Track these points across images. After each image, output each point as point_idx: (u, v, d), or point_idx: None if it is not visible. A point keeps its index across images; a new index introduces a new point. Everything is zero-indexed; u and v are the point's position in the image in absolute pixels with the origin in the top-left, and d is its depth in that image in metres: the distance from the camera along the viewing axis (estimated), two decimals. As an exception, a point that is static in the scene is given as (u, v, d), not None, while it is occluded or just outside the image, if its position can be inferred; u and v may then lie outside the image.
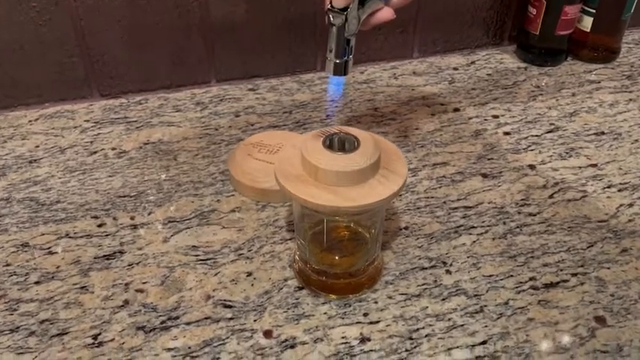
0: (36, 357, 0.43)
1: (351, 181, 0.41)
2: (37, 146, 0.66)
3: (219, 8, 0.72)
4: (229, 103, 0.74)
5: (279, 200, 0.57)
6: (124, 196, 0.58)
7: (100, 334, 0.45)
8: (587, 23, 0.82)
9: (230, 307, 0.47)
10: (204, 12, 0.72)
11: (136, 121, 0.70)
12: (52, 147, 0.66)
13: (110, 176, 0.61)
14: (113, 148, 0.65)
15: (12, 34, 0.67)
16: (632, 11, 0.80)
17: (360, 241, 0.50)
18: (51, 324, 0.45)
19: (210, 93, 0.76)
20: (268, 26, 0.75)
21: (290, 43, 0.78)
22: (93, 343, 0.44)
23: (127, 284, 0.49)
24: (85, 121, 0.70)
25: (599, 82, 0.79)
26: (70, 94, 0.73)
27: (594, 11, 0.81)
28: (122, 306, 0.47)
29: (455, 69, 0.83)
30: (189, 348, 0.44)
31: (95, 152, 0.65)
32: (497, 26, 0.86)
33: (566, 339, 0.44)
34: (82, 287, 0.49)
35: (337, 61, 0.48)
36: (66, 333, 0.45)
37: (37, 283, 0.49)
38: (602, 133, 0.69)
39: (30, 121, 0.70)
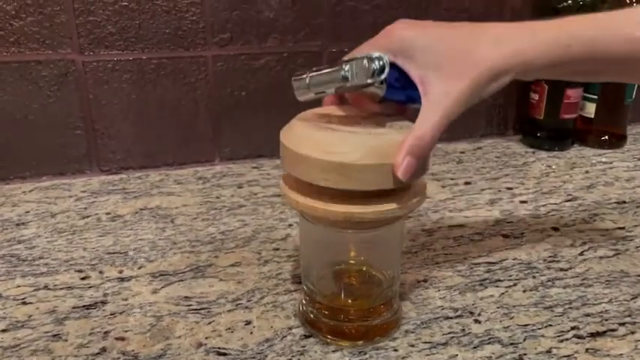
0: (-14, 405, 0.35)
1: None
2: (27, 212, 0.62)
3: (226, 88, 0.73)
4: (232, 178, 0.71)
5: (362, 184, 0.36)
6: (114, 253, 0.53)
7: (67, 381, 0.37)
8: (591, 109, 0.83)
9: (224, 354, 0.40)
10: (213, 91, 0.72)
11: (134, 192, 0.67)
12: (43, 212, 0.62)
13: (101, 236, 0.57)
14: (107, 213, 0.62)
15: (18, 104, 0.66)
16: (633, 97, 0.81)
17: (375, 284, 0.44)
18: (11, 371, 0.38)
19: (214, 170, 0.74)
20: (274, 107, 0.75)
21: (296, 125, 0.77)
22: (58, 391, 0.37)
23: (106, 332, 0.42)
24: (81, 191, 0.67)
25: (611, 163, 0.78)
26: (69, 168, 0.71)
27: (596, 97, 0.82)
28: (98, 354, 0.40)
29: (462, 152, 0.81)
30: (174, 396, 0.36)
31: (88, 216, 0.61)
32: (500, 115, 0.87)
33: (627, 387, 0.37)
34: (55, 335, 0.42)
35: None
36: (27, 380, 0.37)
37: (3, 331, 0.42)
38: (624, 202, 0.65)
39: (24, 192, 0.67)
